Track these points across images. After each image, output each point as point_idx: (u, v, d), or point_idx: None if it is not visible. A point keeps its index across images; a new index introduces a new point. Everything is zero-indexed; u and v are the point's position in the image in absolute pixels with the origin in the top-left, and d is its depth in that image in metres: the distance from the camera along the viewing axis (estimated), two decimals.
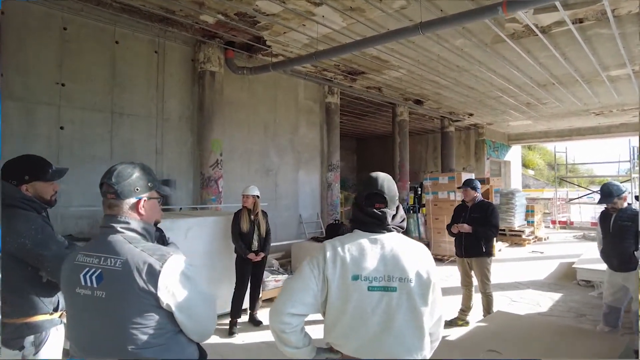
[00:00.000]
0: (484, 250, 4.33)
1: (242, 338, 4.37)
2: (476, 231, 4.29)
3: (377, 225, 1.50)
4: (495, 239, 4.82)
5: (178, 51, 6.97)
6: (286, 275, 5.77)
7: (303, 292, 1.42)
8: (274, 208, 8.48)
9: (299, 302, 1.41)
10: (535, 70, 8.70)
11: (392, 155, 11.97)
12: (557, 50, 7.40)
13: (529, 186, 26.62)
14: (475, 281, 4.59)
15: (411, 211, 10.11)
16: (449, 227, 4.58)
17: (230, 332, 4.40)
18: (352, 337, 1.42)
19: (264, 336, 4.40)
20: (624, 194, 3.69)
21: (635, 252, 3.49)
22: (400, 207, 1.61)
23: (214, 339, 4.28)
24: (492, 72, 8.81)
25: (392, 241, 1.48)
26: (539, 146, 30.85)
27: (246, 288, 4.62)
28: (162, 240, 3.57)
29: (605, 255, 3.87)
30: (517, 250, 10.11)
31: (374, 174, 1.58)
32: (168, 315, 1.30)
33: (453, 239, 4.65)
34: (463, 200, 4.63)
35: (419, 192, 11.07)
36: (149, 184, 1.44)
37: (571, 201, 15.47)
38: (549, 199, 17.33)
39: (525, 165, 29.71)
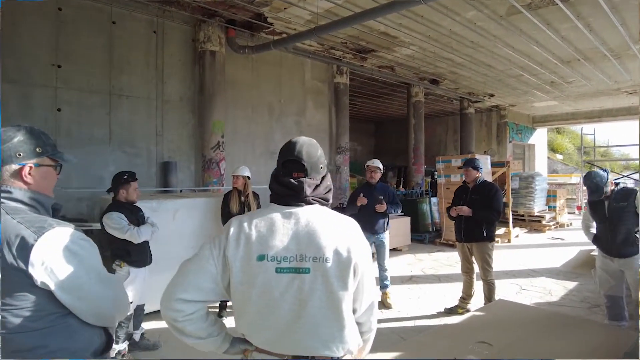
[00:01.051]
0: (485, 234, 4.02)
1: (231, 321, 4.27)
2: (476, 214, 4.00)
3: (293, 197, 1.28)
4: (511, 224, 4.54)
5: (178, 31, 6.82)
6: None
7: (198, 276, 1.23)
8: None
9: (193, 287, 1.22)
10: (557, 45, 8.11)
11: (398, 136, 11.59)
12: (580, 20, 6.83)
13: (557, 171, 25.49)
14: (476, 268, 4.30)
15: (424, 195, 9.78)
16: (448, 209, 4.30)
17: (219, 316, 4.30)
18: (261, 326, 1.23)
19: None
20: (609, 180, 3.45)
21: (637, 234, 3.19)
22: (328, 177, 1.38)
23: None
24: (510, 47, 8.28)
25: (310, 215, 1.26)
26: (569, 130, 29.46)
27: None
28: (140, 219, 3.50)
29: (600, 242, 3.56)
30: (536, 236, 9.64)
31: (294, 138, 1.36)
32: (48, 295, 1.15)
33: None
34: (464, 181, 4.32)
35: (435, 177, 10.69)
36: (37, 149, 1.27)
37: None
38: (576, 184, 16.52)
39: (553, 149, 28.46)
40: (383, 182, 4.94)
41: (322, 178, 1.35)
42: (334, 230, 1.24)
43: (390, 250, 7.85)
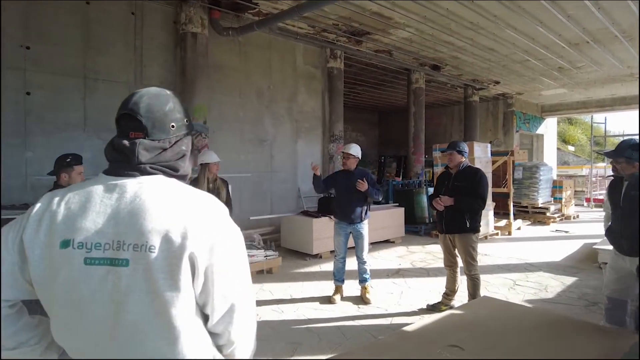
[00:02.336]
0: (468, 225, 3.67)
1: None
2: (458, 202, 3.65)
3: (123, 164, 0.97)
4: (512, 215, 4.15)
5: (158, 12, 6.52)
6: (264, 251, 5.35)
7: None
8: (269, 180, 8.06)
9: None
10: (563, 25, 7.61)
11: (402, 126, 11.18)
12: None
13: (568, 163, 24.81)
14: (460, 261, 3.96)
15: (421, 186, 9.41)
16: (430, 199, 3.95)
17: None
18: (70, 333, 0.92)
19: None
20: None
21: None
22: (185, 141, 1.07)
23: None
24: (512, 29, 7.80)
25: (142, 189, 0.94)
26: (581, 121, 28.61)
27: None
28: None
29: (613, 234, 3.00)
30: (539, 228, 9.21)
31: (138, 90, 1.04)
32: None
33: None
34: (447, 167, 3.96)
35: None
36: None
37: (608, 177, 14.08)
38: (586, 176, 15.94)
39: (565, 141, 27.70)
40: (362, 168, 4.58)
41: (175, 142, 1.04)
42: (168, 209, 0.91)
43: (382, 242, 7.58)
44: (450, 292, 4.08)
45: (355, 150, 4.36)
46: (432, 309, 4.07)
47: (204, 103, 6.63)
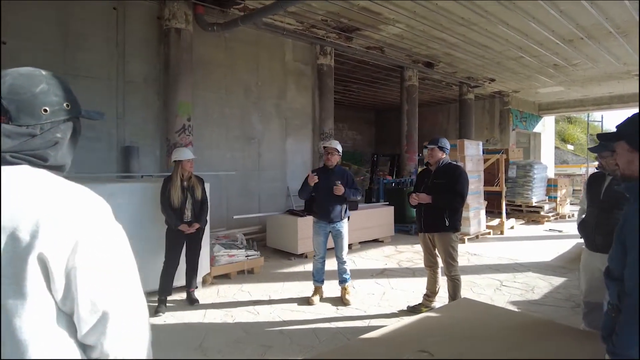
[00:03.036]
0: (448, 223, 3.54)
1: (168, 318, 3.89)
2: (436, 200, 3.51)
3: None
4: (505, 214, 4.02)
5: (141, 7, 6.39)
6: (245, 251, 5.23)
7: None
8: (257, 178, 7.93)
9: None
10: (556, 21, 7.47)
11: (393, 125, 11.03)
12: None
13: (567, 162, 24.63)
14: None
15: (412, 184, 9.26)
16: (409, 196, 3.82)
17: (156, 311, 3.93)
18: None
19: (195, 316, 3.91)
20: None
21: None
22: (63, 129, 0.94)
23: None
24: (505, 24, 7.65)
25: None
26: (581, 119, 28.40)
27: (177, 263, 4.11)
28: None
29: (587, 229, 2.82)
30: (533, 228, 9.08)
31: None
32: None
33: None
34: (427, 164, 3.83)
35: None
36: None
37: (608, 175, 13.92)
38: (583, 174, 15.79)
39: (564, 139, 27.51)
40: (340, 166, 4.44)
41: (49, 128, 0.91)
42: (20, 203, 0.79)
43: (371, 241, 7.45)
44: (431, 294, 3.95)
45: (338, 145, 4.24)
46: (412, 310, 3.94)
47: (188, 100, 6.51)
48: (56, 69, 5.51)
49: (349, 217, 4.36)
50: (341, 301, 4.26)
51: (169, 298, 4.20)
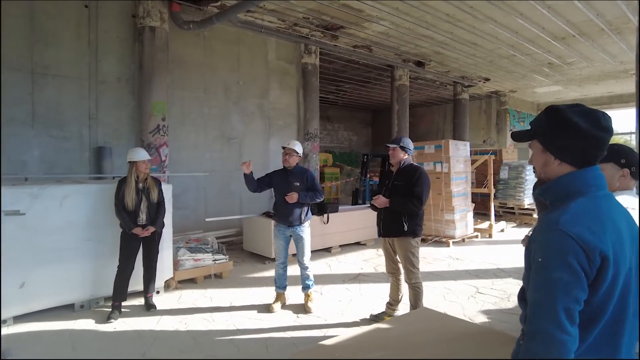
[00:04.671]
0: (407, 228, 3.34)
1: (119, 325, 3.73)
2: (393, 204, 3.32)
3: None
4: (493, 217, 3.83)
5: (115, 5, 6.26)
6: (212, 255, 5.06)
7: None
8: (238, 180, 7.74)
9: None
10: (545, 18, 7.25)
11: (389, 125, 10.83)
12: None
13: None
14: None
15: None
16: (371, 198, 3.63)
17: (108, 317, 3.77)
18: None
19: (148, 323, 3.75)
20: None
21: None
22: None
23: (82, 324, 3.68)
24: (492, 21, 7.44)
25: None
26: None
27: (132, 267, 3.96)
28: None
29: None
30: (524, 231, 8.82)
31: None
32: None
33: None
34: (389, 164, 3.64)
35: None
36: None
37: None
38: None
39: None
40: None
41: None
42: None
43: (353, 244, 7.25)
44: (393, 302, 3.76)
45: (298, 146, 4.07)
46: (374, 319, 3.76)
47: (163, 99, 6.36)
48: (24, 67, 5.40)
49: (323, 220, 4.17)
50: (303, 309, 4.08)
51: (124, 303, 4.05)
